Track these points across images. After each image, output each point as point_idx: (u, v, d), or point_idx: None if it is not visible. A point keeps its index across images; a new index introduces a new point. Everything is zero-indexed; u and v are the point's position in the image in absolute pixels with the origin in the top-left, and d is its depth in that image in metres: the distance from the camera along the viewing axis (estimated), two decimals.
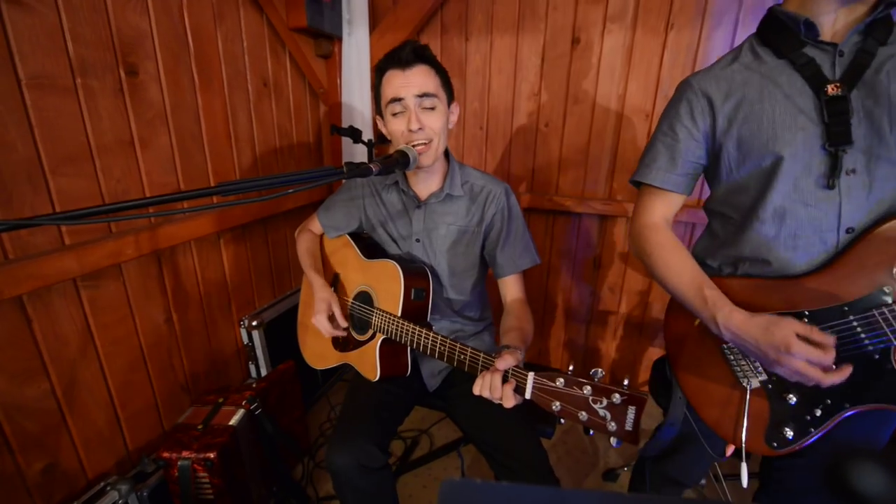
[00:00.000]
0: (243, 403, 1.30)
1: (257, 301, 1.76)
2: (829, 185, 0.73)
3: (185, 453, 1.14)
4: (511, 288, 1.12)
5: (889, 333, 0.68)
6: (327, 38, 1.83)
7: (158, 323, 1.34)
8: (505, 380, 0.78)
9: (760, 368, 0.80)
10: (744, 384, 0.82)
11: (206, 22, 1.38)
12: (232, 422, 1.24)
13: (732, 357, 0.83)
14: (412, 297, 1.05)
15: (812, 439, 0.77)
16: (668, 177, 0.88)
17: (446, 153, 1.14)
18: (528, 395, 0.77)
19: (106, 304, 1.18)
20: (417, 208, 1.13)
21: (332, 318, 1.14)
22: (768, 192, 0.78)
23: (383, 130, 1.09)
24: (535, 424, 1.16)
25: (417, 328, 0.99)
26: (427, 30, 1.90)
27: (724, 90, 0.81)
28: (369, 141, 1.67)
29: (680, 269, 0.84)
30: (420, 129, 0.98)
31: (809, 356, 0.67)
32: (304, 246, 1.29)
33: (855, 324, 0.71)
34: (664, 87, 1.67)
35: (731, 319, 0.75)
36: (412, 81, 0.97)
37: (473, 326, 1.22)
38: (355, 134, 1.56)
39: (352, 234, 1.26)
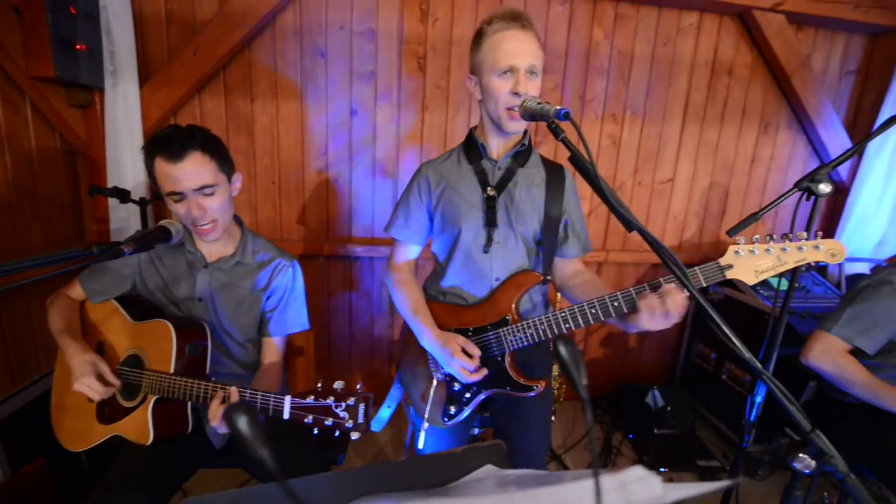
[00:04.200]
0: None
1: None
2: (486, 251, 1.12)
3: None
4: (271, 350, 1.25)
5: (505, 345, 1.08)
6: (85, 88, 1.68)
7: None
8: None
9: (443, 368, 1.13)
10: (435, 377, 1.16)
11: None
12: None
13: (431, 359, 1.16)
14: (187, 352, 1.07)
15: (465, 413, 1.12)
16: (404, 231, 1.21)
17: (239, 221, 1.22)
18: (286, 416, 0.90)
19: None
20: (204, 268, 1.16)
21: (100, 377, 1.04)
22: (455, 251, 1.15)
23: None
24: (326, 454, 1.30)
25: (195, 382, 1.01)
26: (209, 88, 1.93)
27: (437, 178, 1.16)
28: (142, 199, 1.58)
29: (407, 299, 1.19)
30: (202, 213, 1.04)
31: (462, 363, 1.03)
32: (56, 313, 1.14)
33: (492, 337, 1.10)
34: (424, 153, 2.10)
35: (429, 336, 1.11)
36: (187, 176, 0.99)
37: (255, 374, 1.27)
38: (121, 195, 1.47)
39: (118, 299, 1.20)
